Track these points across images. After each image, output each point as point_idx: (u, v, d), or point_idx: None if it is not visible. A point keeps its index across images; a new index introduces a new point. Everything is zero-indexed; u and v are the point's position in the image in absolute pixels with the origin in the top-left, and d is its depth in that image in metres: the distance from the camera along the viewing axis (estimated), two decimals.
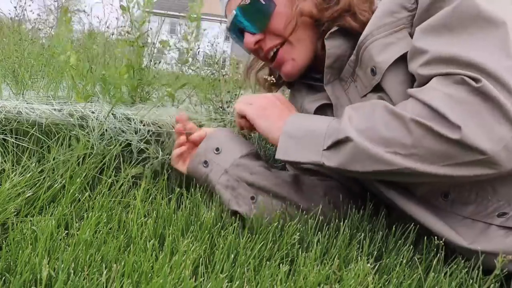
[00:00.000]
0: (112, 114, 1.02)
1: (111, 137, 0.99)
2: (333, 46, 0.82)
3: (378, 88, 0.75)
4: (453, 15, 0.64)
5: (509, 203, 0.67)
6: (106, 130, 0.98)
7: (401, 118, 0.63)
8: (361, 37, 0.76)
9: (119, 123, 1.01)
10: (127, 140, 1.00)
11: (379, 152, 0.64)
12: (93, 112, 1.01)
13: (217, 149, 0.90)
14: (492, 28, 0.62)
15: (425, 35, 0.67)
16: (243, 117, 0.84)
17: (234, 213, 0.83)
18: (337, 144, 0.70)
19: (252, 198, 0.83)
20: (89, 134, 0.96)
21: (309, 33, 0.85)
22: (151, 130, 1.04)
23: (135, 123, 1.04)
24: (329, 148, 0.71)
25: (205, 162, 0.89)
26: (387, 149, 0.64)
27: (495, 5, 0.63)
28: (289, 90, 1.07)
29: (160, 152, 1.03)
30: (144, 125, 1.04)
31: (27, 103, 1.00)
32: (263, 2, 0.84)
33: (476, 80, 0.59)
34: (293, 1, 0.83)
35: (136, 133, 1.02)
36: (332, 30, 0.81)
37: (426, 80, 0.65)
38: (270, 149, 1.28)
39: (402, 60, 0.72)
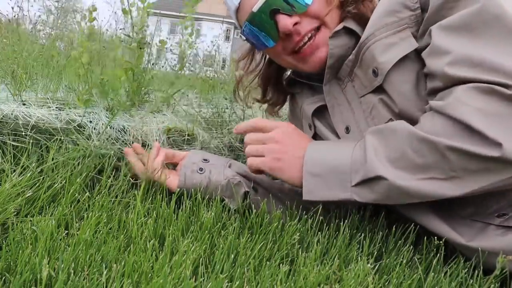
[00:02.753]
0: (109, 126, 1.02)
1: (109, 137, 0.99)
2: (337, 46, 0.80)
3: (379, 89, 0.74)
4: (478, 16, 0.63)
5: (510, 205, 0.67)
6: (104, 140, 0.98)
7: (432, 144, 0.60)
8: (363, 37, 0.75)
9: (116, 134, 1.02)
10: (120, 149, 1.00)
11: (418, 185, 0.62)
12: (90, 122, 1.02)
13: (205, 159, 0.91)
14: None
15: (446, 34, 0.65)
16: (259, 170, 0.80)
17: (244, 194, 0.85)
18: (368, 181, 0.67)
19: (254, 188, 0.86)
20: (87, 141, 0.96)
21: (336, 17, 0.81)
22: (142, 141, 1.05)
23: (130, 135, 1.04)
24: (358, 184, 0.68)
25: (200, 169, 0.88)
26: (423, 176, 0.61)
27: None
28: (289, 96, 1.06)
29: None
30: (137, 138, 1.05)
31: (25, 106, 1.00)
32: None
33: (507, 86, 0.56)
34: None
35: (131, 144, 1.02)
36: (337, 28, 0.79)
37: (448, 81, 0.63)
38: None
39: (405, 60, 0.71)
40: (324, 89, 0.86)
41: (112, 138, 1.01)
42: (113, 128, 1.03)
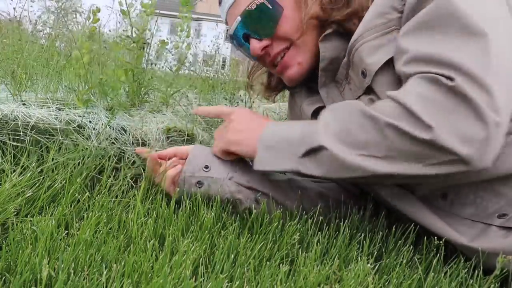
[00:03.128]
0: (109, 126, 1.02)
1: (109, 136, 0.99)
2: (327, 49, 0.81)
3: (369, 90, 0.75)
4: (434, 13, 0.65)
5: (510, 205, 0.67)
6: (103, 139, 0.98)
7: (375, 120, 0.63)
8: (352, 39, 0.76)
9: (116, 133, 1.02)
10: (120, 149, 1.00)
11: (355, 159, 0.64)
12: (90, 122, 1.01)
13: (206, 167, 0.85)
14: (472, 35, 0.61)
15: (407, 35, 0.68)
16: (227, 153, 0.83)
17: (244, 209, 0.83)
18: (312, 152, 0.69)
19: (256, 200, 0.83)
20: (87, 141, 0.96)
21: (314, 36, 0.84)
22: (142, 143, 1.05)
23: (130, 134, 1.04)
24: (304, 155, 0.70)
25: (198, 182, 0.84)
26: (363, 152, 0.64)
27: (476, 8, 0.63)
28: (289, 93, 1.07)
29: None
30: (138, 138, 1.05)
31: (24, 106, 1.00)
32: (270, 7, 0.82)
33: (450, 79, 0.59)
34: (299, 4, 0.82)
35: (131, 144, 1.02)
36: (327, 32, 0.80)
37: (405, 78, 0.65)
38: None
39: (392, 61, 0.71)
40: (321, 93, 0.87)
41: (111, 138, 1.01)
42: (113, 128, 1.03)
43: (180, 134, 1.15)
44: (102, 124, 1.02)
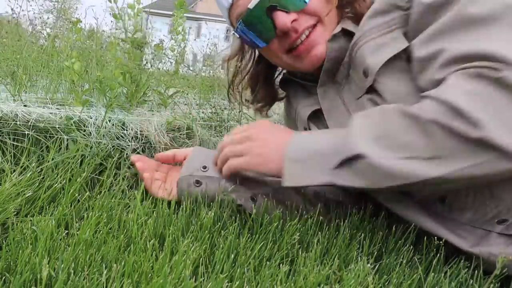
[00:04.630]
0: (108, 120, 1.02)
1: (108, 131, 0.99)
2: (335, 49, 0.80)
3: (371, 90, 0.74)
4: (454, 18, 0.63)
5: (509, 210, 0.66)
6: (103, 135, 0.98)
7: (417, 119, 0.58)
8: (354, 38, 0.75)
9: (116, 129, 1.01)
10: (120, 145, 1.00)
11: (398, 163, 0.59)
12: (90, 117, 1.01)
13: (204, 167, 0.85)
14: (495, 21, 0.59)
15: (429, 44, 0.65)
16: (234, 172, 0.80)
17: (238, 206, 0.82)
18: (348, 161, 0.64)
19: (252, 198, 0.83)
20: (87, 138, 0.96)
21: (335, 16, 0.81)
22: (142, 138, 1.04)
23: (131, 129, 1.04)
24: (338, 166, 0.65)
25: (197, 181, 0.83)
26: (406, 154, 0.59)
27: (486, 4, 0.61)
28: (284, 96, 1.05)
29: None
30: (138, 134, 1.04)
31: (24, 106, 1.00)
32: None
33: (496, 69, 0.55)
34: None
35: (131, 139, 1.02)
36: (336, 31, 0.79)
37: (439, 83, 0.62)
38: None
39: (396, 60, 0.70)
40: (318, 92, 0.85)
41: (112, 133, 1.01)
42: (113, 124, 1.03)
43: (179, 130, 1.15)
44: (102, 119, 1.01)
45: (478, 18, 0.61)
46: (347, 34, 0.79)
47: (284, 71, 1.01)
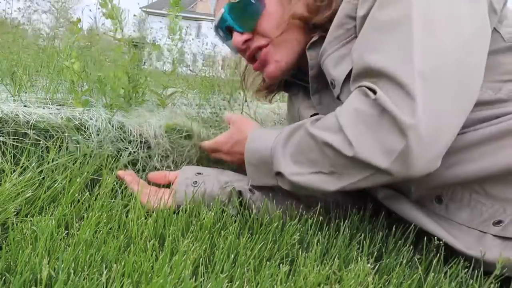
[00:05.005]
0: (109, 122, 1.02)
1: (108, 133, 0.99)
2: (314, 57, 0.81)
3: (339, 99, 0.76)
4: (365, 26, 0.67)
5: (505, 209, 0.65)
6: (104, 138, 0.98)
7: (315, 139, 0.66)
8: (321, 50, 0.78)
9: (115, 132, 1.01)
10: (120, 149, 1.00)
11: (308, 179, 0.68)
12: (91, 119, 1.01)
13: (199, 173, 0.89)
14: (392, 30, 0.62)
15: (352, 55, 0.69)
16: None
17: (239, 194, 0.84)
18: (278, 173, 0.74)
19: (250, 190, 0.84)
20: (88, 139, 0.96)
21: (296, 36, 0.83)
22: (142, 140, 1.04)
23: (130, 131, 1.04)
24: (276, 174, 0.75)
25: (194, 182, 0.86)
26: (314, 170, 0.68)
27: (393, 6, 0.63)
28: (287, 95, 1.06)
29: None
30: (138, 135, 1.04)
31: (24, 106, 1.00)
32: (253, 1, 0.82)
33: (374, 91, 0.60)
34: (283, 3, 0.82)
35: (130, 143, 1.02)
36: (313, 40, 0.80)
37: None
38: None
39: None
40: (313, 99, 0.88)
41: (112, 136, 1.01)
42: (113, 126, 1.03)
43: (179, 131, 1.14)
44: (103, 120, 1.01)
45: (380, 24, 0.64)
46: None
47: None
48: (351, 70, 0.70)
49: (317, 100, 0.87)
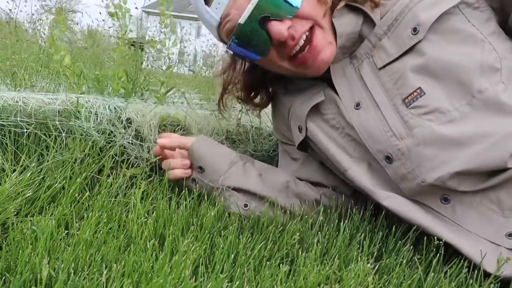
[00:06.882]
0: (107, 107, 1.01)
1: (104, 127, 0.98)
2: (342, 25, 0.77)
3: (412, 52, 0.72)
4: None
5: None
6: (100, 121, 0.97)
7: None
8: (404, 3, 0.75)
9: (113, 127, 1.01)
10: (113, 139, 0.99)
11: None
12: (87, 102, 1.00)
13: (200, 168, 0.88)
14: None
15: None
16: None
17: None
18: None
19: (245, 205, 0.84)
20: (82, 126, 0.95)
21: (329, 14, 0.78)
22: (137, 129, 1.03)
23: (125, 120, 1.03)
24: None
25: (193, 179, 0.89)
26: None
27: None
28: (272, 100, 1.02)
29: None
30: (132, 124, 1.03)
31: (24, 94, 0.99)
32: None
33: None
34: None
35: (125, 128, 1.01)
36: (339, 7, 0.77)
37: None
38: (264, 143, 1.27)
39: (449, 16, 0.70)
40: (332, 69, 0.81)
41: (107, 120, 1.00)
42: (109, 109, 1.02)
43: (176, 124, 1.14)
44: (100, 105, 1.00)
45: None
46: (351, 8, 0.78)
47: None
48: (443, 16, 0.69)
49: (335, 69, 0.81)
